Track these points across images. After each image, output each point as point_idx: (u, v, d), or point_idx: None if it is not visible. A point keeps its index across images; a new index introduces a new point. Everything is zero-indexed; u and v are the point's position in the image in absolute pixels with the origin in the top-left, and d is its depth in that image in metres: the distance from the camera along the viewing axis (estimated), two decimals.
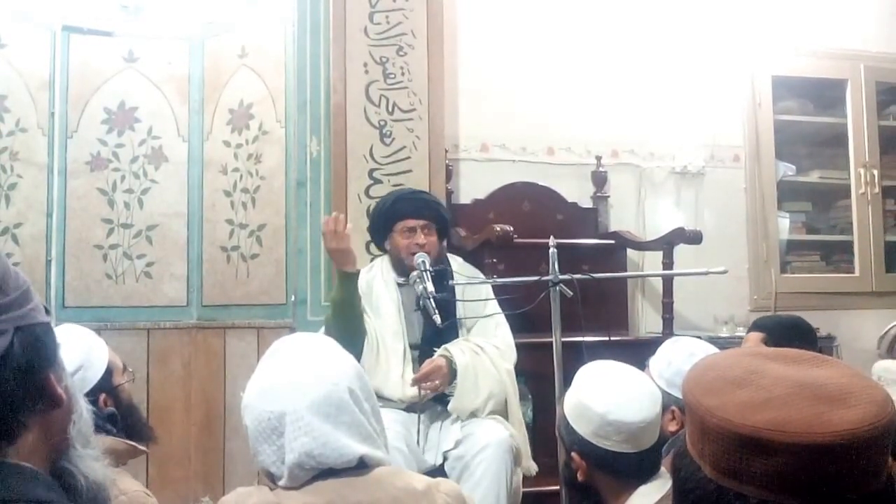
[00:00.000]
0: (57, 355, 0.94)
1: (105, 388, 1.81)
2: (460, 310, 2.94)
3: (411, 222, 2.94)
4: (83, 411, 0.97)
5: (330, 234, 2.76)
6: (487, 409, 2.80)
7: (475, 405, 2.79)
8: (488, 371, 2.84)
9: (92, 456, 0.96)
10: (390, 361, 2.85)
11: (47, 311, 0.95)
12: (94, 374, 1.80)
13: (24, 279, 0.92)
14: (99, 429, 1.70)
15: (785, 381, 0.90)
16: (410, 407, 2.84)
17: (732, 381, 0.92)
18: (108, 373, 1.83)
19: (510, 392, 2.89)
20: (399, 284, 2.98)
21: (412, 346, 2.93)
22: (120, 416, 1.83)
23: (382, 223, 3.00)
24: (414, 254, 2.88)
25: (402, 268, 2.95)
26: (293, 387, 1.39)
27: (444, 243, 3.01)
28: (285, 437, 1.37)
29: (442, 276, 2.81)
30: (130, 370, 1.99)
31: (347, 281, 2.80)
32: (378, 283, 3.02)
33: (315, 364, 1.43)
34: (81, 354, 1.78)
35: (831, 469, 0.83)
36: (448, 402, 2.82)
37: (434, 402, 2.90)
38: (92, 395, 1.76)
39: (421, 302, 2.72)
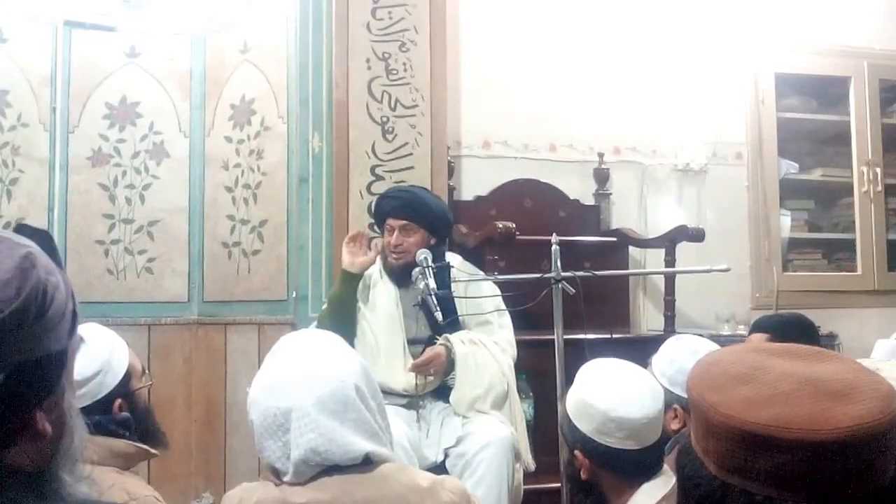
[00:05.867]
0: (58, 385, 0.86)
1: (122, 392, 1.80)
2: (461, 307, 2.93)
3: (392, 221, 2.96)
4: (74, 438, 0.90)
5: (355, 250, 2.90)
6: (489, 401, 2.80)
7: (475, 394, 2.79)
8: (488, 362, 2.85)
9: (76, 479, 0.89)
10: (388, 354, 2.86)
11: (75, 315, 0.87)
12: (113, 379, 1.79)
13: (62, 297, 0.84)
14: (112, 433, 1.70)
15: (789, 377, 0.89)
16: (410, 403, 2.85)
17: (736, 377, 0.91)
18: (127, 377, 1.82)
19: (510, 387, 2.90)
20: (391, 276, 3.00)
21: (412, 342, 2.93)
22: (134, 420, 1.82)
23: (376, 220, 3.10)
24: (392, 253, 2.95)
25: (388, 264, 3.00)
26: (299, 383, 1.39)
27: (434, 241, 2.97)
28: (291, 434, 1.37)
29: (444, 274, 2.81)
30: (148, 373, 1.98)
31: (351, 281, 2.90)
32: (377, 281, 3.03)
33: (321, 361, 1.43)
34: (102, 359, 1.77)
35: (836, 465, 0.83)
36: (449, 394, 2.83)
37: (435, 397, 2.90)
38: (108, 400, 1.76)
39: (420, 298, 2.72)
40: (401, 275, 2.97)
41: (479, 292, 2.97)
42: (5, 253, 0.81)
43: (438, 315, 2.61)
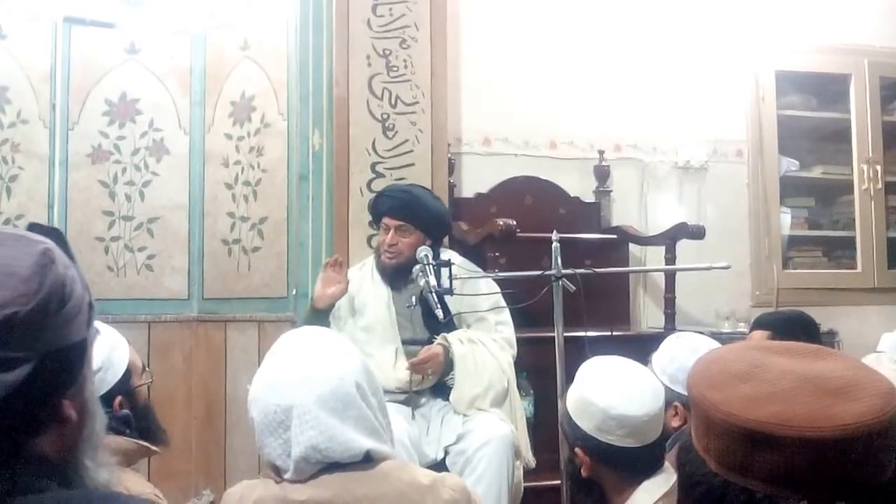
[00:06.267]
0: (81, 374, 0.90)
1: (123, 389, 1.80)
2: (460, 305, 2.93)
3: (388, 221, 2.96)
4: (96, 425, 0.94)
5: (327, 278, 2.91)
6: (489, 399, 2.80)
7: (475, 393, 2.79)
8: (487, 360, 2.85)
9: (97, 465, 0.94)
10: (379, 356, 2.84)
11: (91, 307, 0.91)
12: (114, 376, 1.79)
13: (80, 290, 0.89)
14: (112, 430, 1.70)
15: (789, 375, 0.89)
16: (409, 400, 2.85)
17: (737, 375, 0.91)
18: (128, 374, 1.82)
19: (510, 384, 2.90)
20: (383, 276, 3.00)
21: (408, 343, 2.94)
22: (135, 417, 1.82)
23: (373, 217, 3.11)
24: (386, 252, 2.95)
25: (381, 263, 3.00)
26: (300, 381, 1.39)
27: (430, 244, 2.92)
28: (292, 431, 1.37)
29: (443, 272, 2.80)
30: (149, 370, 1.98)
31: (318, 314, 2.92)
32: (367, 282, 3.03)
33: (322, 358, 1.43)
34: (103, 356, 1.77)
35: (837, 463, 0.83)
36: (449, 393, 2.83)
37: (435, 395, 2.90)
38: (109, 397, 1.76)
39: (414, 299, 2.73)
40: (393, 275, 2.97)
41: (476, 290, 2.96)
42: (24, 249, 0.84)
43: (439, 312, 2.61)
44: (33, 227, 0.91)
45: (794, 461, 0.83)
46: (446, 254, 3.00)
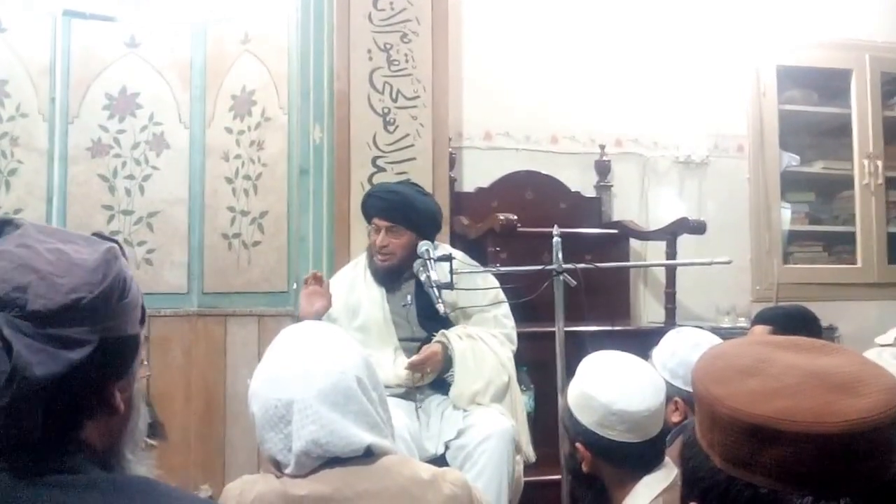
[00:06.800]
0: (132, 367, 0.99)
1: None
2: (459, 300, 2.93)
3: (378, 222, 2.94)
4: (139, 420, 1.03)
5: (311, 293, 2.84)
6: (489, 394, 2.80)
7: (475, 389, 2.79)
8: (486, 356, 2.85)
9: (137, 458, 1.02)
10: (378, 355, 2.82)
11: (144, 310, 1.02)
12: None
13: (136, 289, 0.99)
14: None
15: (794, 370, 0.89)
16: (409, 394, 2.85)
17: (742, 370, 0.91)
18: None
19: (511, 379, 2.89)
20: (375, 276, 2.98)
21: (405, 341, 2.93)
22: None
23: (364, 216, 3.06)
24: (378, 254, 2.93)
25: (373, 264, 2.99)
26: (301, 375, 1.39)
27: (422, 240, 2.88)
28: (293, 426, 1.37)
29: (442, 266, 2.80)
30: (147, 364, 1.98)
31: None
32: (360, 282, 3.02)
33: (323, 353, 1.43)
34: None
35: (841, 458, 0.82)
36: (448, 389, 2.83)
37: (435, 391, 2.90)
38: None
39: (409, 298, 2.72)
40: (386, 277, 2.96)
41: (474, 284, 2.95)
42: (92, 247, 0.95)
43: (440, 307, 2.60)
44: (96, 236, 1.01)
45: (798, 457, 0.82)
46: (441, 248, 2.99)
